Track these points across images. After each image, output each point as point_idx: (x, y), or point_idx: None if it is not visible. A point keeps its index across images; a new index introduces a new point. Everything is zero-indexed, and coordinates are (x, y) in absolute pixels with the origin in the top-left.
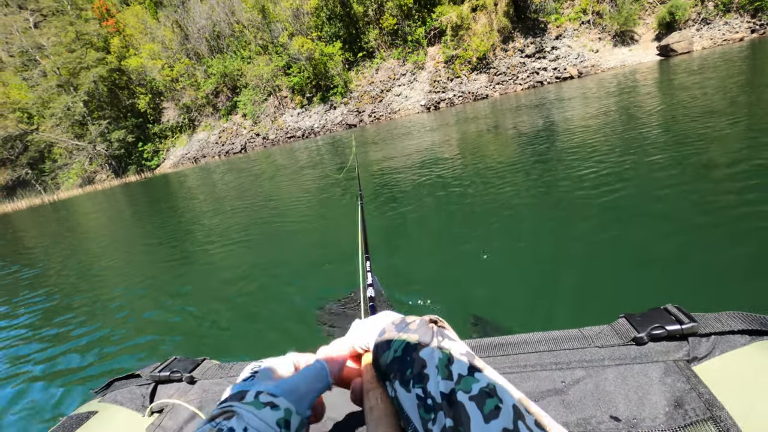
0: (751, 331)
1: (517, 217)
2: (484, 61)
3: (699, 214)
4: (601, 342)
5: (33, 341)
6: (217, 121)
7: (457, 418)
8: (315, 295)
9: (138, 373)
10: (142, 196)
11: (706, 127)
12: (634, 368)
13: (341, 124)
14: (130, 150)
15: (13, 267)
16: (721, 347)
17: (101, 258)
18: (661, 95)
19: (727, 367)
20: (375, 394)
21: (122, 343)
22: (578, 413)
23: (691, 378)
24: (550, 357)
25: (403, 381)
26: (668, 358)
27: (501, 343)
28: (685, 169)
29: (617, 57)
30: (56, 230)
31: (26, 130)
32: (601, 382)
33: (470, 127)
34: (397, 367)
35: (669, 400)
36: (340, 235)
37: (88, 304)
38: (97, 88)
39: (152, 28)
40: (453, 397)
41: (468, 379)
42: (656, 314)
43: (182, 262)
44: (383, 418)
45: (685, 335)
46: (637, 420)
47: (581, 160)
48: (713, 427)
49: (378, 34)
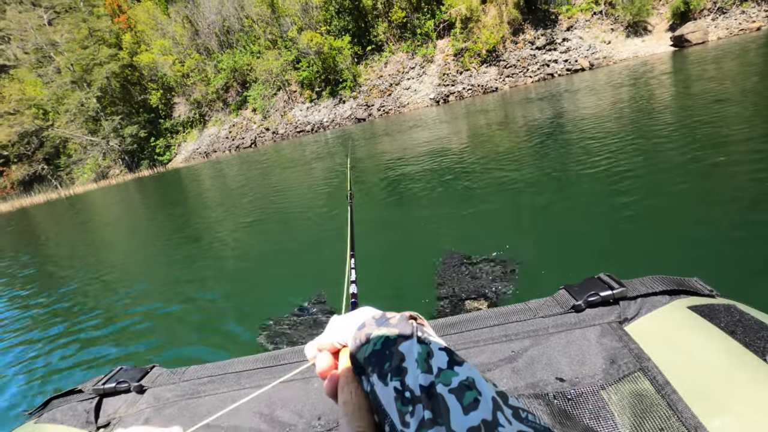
0: (670, 291)
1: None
2: (494, 54)
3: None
4: (545, 312)
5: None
6: (228, 116)
7: (436, 410)
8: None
9: (79, 388)
10: (153, 192)
11: (721, 121)
12: (574, 333)
13: (350, 118)
14: (142, 145)
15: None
16: (646, 307)
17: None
18: (674, 86)
19: (652, 324)
20: (350, 388)
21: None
22: (528, 378)
23: (622, 337)
24: (499, 330)
25: (380, 374)
26: (603, 321)
27: (454, 322)
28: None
29: (630, 48)
30: (72, 224)
31: (42, 126)
32: (546, 348)
33: (479, 119)
34: (375, 360)
35: (605, 357)
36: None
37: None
38: (109, 84)
39: (163, 23)
40: (432, 390)
41: (448, 373)
42: (591, 283)
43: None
44: (356, 411)
45: (617, 299)
46: (579, 378)
47: (588, 154)
48: (643, 376)
49: (387, 27)
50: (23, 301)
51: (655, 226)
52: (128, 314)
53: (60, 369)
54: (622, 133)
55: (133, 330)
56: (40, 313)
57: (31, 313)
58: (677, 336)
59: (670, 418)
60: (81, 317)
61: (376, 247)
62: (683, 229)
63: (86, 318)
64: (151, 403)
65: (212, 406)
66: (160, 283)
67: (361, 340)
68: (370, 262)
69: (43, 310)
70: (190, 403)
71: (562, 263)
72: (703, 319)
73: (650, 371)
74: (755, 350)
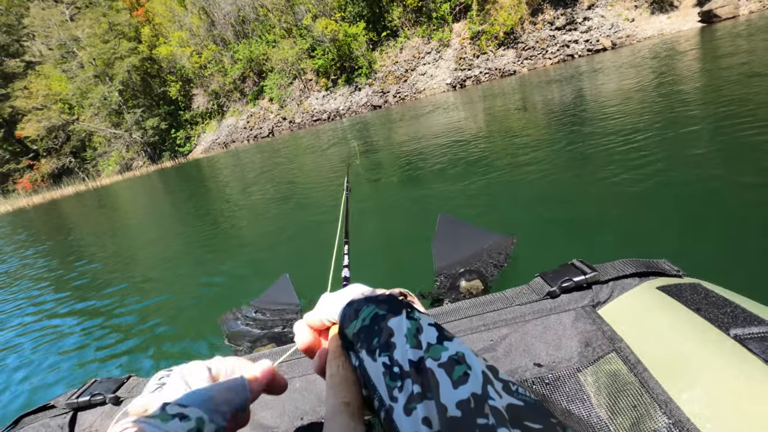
0: (640, 273)
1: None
2: (512, 36)
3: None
4: (521, 300)
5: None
6: (245, 106)
7: (426, 384)
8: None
9: (51, 403)
10: (174, 184)
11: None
12: (550, 318)
13: (366, 105)
14: (163, 137)
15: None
16: (618, 290)
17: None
18: (703, 65)
19: (623, 306)
20: (337, 362)
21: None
22: (506, 366)
23: (596, 320)
24: (478, 320)
25: (369, 350)
26: (577, 305)
27: (434, 314)
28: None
29: (654, 26)
30: (97, 216)
31: (68, 120)
32: (523, 335)
33: (495, 103)
34: (363, 336)
35: (580, 341)
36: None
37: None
38: (130, 78)
39: (180, 15)
40: (421, 365)
41: (437, 347)
42: (565, 269)
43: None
44: (343, 384)
45: (590, 284)
46: (555, 362)
47: (603, 139)
48: (616, 356)
49: (402, 12)
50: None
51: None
52: (103, 323)
53: (29, 384)
54: (643, 117)
55: (111, 339)
56: (8, 321)
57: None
58: (647, 316)
59: (643, 395)
60: (48, 329)
61: (378, 229)
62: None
63: (58, 328)
64: None
65: None
66: (137, 283)
67: (350, 316)
68: (370, 244)
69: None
70: None
71: (537, 251)
72: (671, 299)
73: (623, 351)
74: (719, 326)
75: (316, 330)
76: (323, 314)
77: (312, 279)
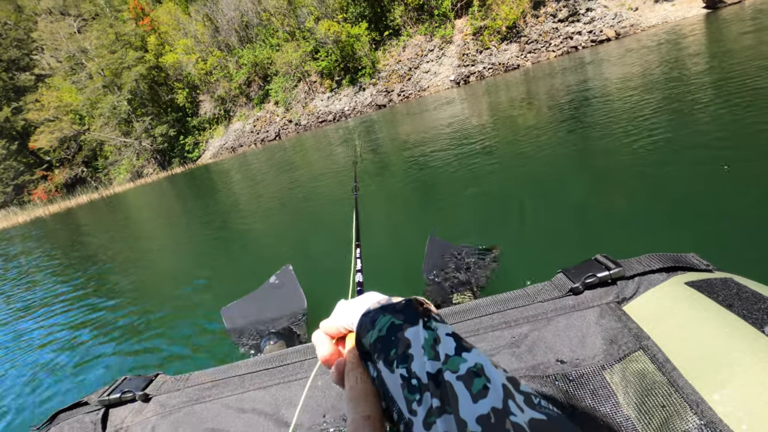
0: (667, 268)
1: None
2: (514, 30)
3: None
4: (543, 297)
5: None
6: (251, 111)
7: (444, 398)
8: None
9: (85, 400)
10: (183, 189)
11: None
12: (573, 316)
13: (371, 105)
14: (172, 144)
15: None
16: (644, 286)
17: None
18: (708, 51)
19: (650, 302)
20: (355, 373)
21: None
22: (529, 362)
23: (621, 317)
24: (499, 318)
25: (386, 361)
26: (601, 302)
27: (455, 311)
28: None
29: (659, 14)
30: (108, 222)
31: (79, 131)
32: (546, 332)
33: (498, 98)
34: (380, 346)
35: (605, 338)
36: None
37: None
38: (138, 87)
39: (184, 23)
40: (440, 377)
41: (455, 359)
42: (588, 265)
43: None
44: (362, 397)
45: (614, 279)
46: (579, 360)
47: (605, 131)
48: (643, 354)
49: (403, 10)
50: (27, 308)
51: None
52: (131, 323)
53: (65, 381)
54: (646, 106)
55: (139, 337)
56: (44, 323)
57: (32, 324)
58: (675, 313)
59: (672, 394)
60: (83, 328)
61: (388, 232)
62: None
63: (91, 328)
64: (156, 411)
65: (217, 411)
66: (162, 291)
67: (366, 325)
68: (380, 247)
69: (48, 320)
70: (195, 408)
71: (564, 245)
72: (701, 294)
73: (650, 349)
74: (753, 322)
75: (333, 337)
76: (340, 322)
77: (323, 283)
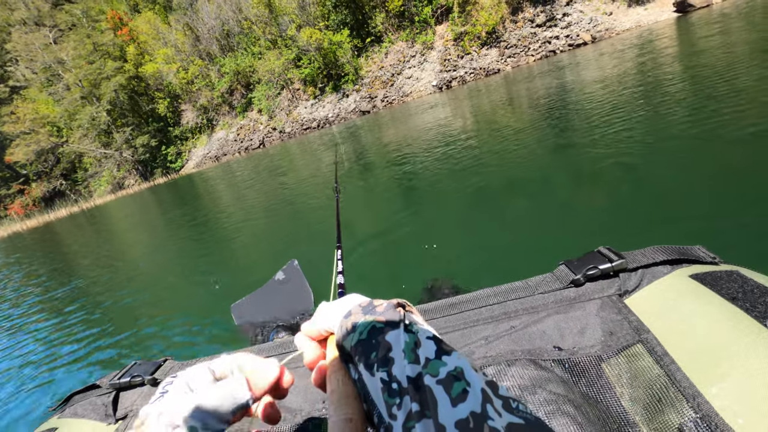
0: (671, 260)
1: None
2: (494, 35)
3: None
4: (544, 288)
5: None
6: (234, 119)
7: (424, 402)
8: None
9: (97, 383)
10: (166, 199)
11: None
12: (574, 307)
13: (355, 111)
14: (154, 154)
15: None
16: (647, 278)
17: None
18: (678, 52)
19: (653, 295)
20: (337, 376)
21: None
22: (525, 346)
23: (622, 309)
24: (499, 309)
25: (367, 364)
26: (603, 295)
27: (454, 302)
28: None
29: (632, 18)
30: (91, 233)
31: (57, 143)
32: (545, 323)
33: (481, 101)
34: (361, 349)
35: (604, 330)
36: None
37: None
38: (118, 97)
39: (164, 32)
40: (420, 381)
41: (435, 363)
42: (590, 257)
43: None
44: (343, 399)
45: (616, 272)
46: (577, 348)
47: (587, 126)
48: (642, 348)
49: (385, 17)
50: (42, 305)
51: (659, 194)
52: (140, 312)
53: (78, 367)
54: (621, 104)
55: (147, 326)
56: (60, 316)
57: (49, 316)
58: (678, 306)
59: (669, 387)
60: (95, 317)
61: (372, 234)
62: (688, 198)
63: (100, 318)
64: None
65: None
66: (164, 283)
67: (347, 328)
68: (364, 249)
69: (60, 315)
70: None
71: (564, 238)
72: (705, 287)
73: (649, 343)
74: (756, 316)
75: (315, 340)
76: (322, 325)
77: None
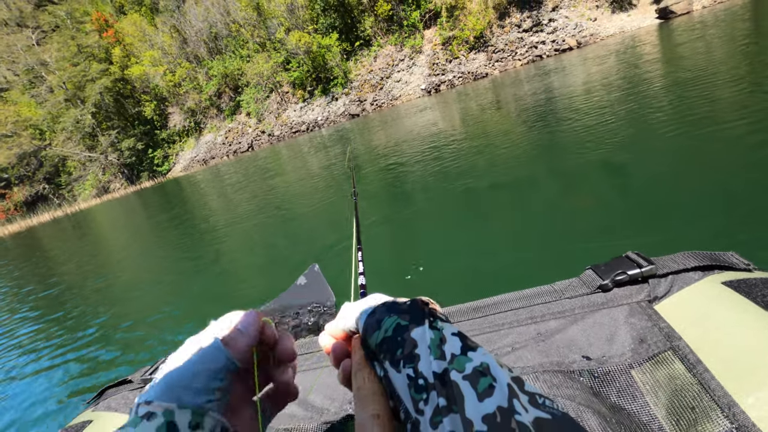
0: (703, 267)
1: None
2: (482, 40)
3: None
4: (571, 293)
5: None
6: (222, 122)
7: (451, 397)
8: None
9: (129, 378)
10: (153, 203)
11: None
12: (601, 313)
13: (344, 114)
14: (140, 157)
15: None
16: (678, 285)
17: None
18: (659, 58)
19: (684, 301)
20: (363, 374)
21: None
22: (553, 357)
23: (652, 316)
24: (525, 313)
25: (393, 361)
26: (632, 300)
27: (479, 306)
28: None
29: (616, 24)
30: (75, 238)
31: (40, 146)
32: (572, 329)
33: (469, 104)
34: (386, 347)
35: (634, 337)
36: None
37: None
38: (103, 99)
39: (150, 35)
40: (446, 377)
41: (461, 359)
42: (618, 262)
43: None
44: (370, 396)
45: (646, 277)
46: (606, 357)
47: (588, 132)
48: (673, 355)
49: (373, 21)
50: (63, 307)
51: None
52: (163, 312)
53: (111, 364)
54: (609, 107)
55: (177, 325)
56: (89, 315)
57: (76, 315)
58: (710, 313)
59: (702, 396)
60: (123, 316)
61: (383, 237)
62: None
63: (129, 316)
64: None
65: None
66: (185, 286)
67: (372, 326)
68: (378, 252)
69: (87, 316)
70: None
71: (587, 242)
72: (739, 295)
73: (681, 350)
74: None
75: (340, 339)
76: (345, 324)
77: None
